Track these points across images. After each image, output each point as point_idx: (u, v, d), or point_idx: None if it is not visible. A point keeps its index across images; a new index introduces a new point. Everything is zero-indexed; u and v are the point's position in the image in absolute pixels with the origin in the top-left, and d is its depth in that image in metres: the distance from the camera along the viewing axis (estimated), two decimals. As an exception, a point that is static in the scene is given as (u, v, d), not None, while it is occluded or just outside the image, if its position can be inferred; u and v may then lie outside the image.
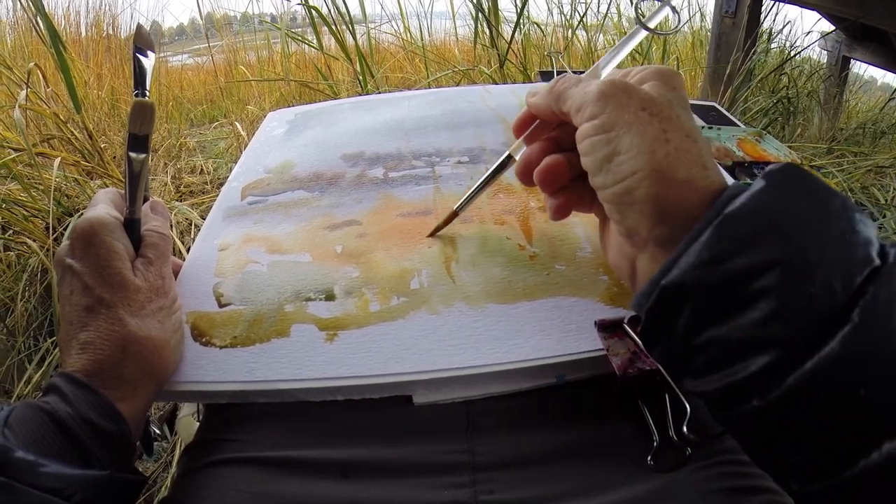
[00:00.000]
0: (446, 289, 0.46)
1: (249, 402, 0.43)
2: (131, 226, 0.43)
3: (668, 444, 0.40)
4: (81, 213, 0.45)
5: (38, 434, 0.34)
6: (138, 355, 0.39)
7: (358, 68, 1.78)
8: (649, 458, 0.40)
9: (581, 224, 0.51)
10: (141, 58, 0.45)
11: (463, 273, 0.47)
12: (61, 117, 1.67)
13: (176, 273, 0.50)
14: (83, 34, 2.42)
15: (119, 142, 1.98)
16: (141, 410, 0.40)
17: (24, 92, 1.49)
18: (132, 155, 0.43)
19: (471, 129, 0.68)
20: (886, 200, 1.65)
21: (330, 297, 0.46)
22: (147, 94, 0.44)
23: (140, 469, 1.07)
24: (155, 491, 1.07)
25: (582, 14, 2.17)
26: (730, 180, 0.35)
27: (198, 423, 0.69)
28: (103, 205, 0.44)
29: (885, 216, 1.57)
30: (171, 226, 1.42)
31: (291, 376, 0.41)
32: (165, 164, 1.95)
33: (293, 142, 0.69)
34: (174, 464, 1.05)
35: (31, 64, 1.64)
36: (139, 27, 0.47)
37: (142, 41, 0.46)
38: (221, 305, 0.47)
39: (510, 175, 0.58)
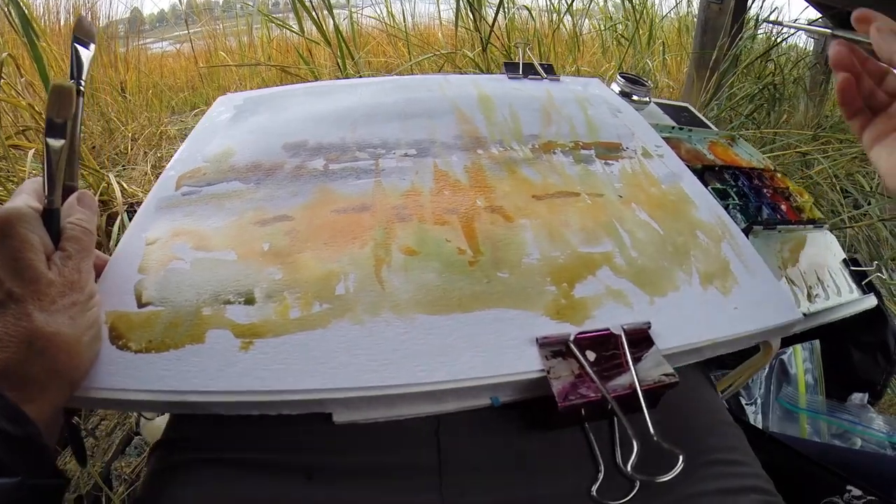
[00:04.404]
0: (374, 296, 0.42)
1: None
2: (50, 216, 0.41)
3: (618, 472, 0.38)
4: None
5: None
6: (45, 352, 0.37)
7: (338, 52, 1.74)
8: (594, 489, 0.37)
9: (531, 227, 0.47)
10: (80, 49, 0.44)
11: (394, 278, 0.43)
12: (36, 108, 1.63)
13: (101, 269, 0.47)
14: (62, 23, 2.37)
15: (98, 132, 1.94)
16: (51, 411, 0.38)
17: (-4, 83, 1.45)
18: (50, 141, 0.41)
19: (423, 120, 0.63)
20: (871, 187, 1.64)
21: (249, 300, 0.42)
22: (82, 85, 0.43)
23: (123, 465, 1.05)
24: (138, 486, 1.04)
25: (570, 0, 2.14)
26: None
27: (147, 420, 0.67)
28: (25, 195, 0.42)
29: (870, 203, 1.55)
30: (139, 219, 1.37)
31: (203, 388, 0.38)
32: (146, 152, 1.91)
33: (237, 128, 0.64)
34: None
35: (5, 54, 1.60)
36: (80, 18, 0.46)
37: (83, 32, 0.44)
38: (141, 305, 0.43)
39: (458, 170, 0.55)
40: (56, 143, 0.41)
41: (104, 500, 0.88)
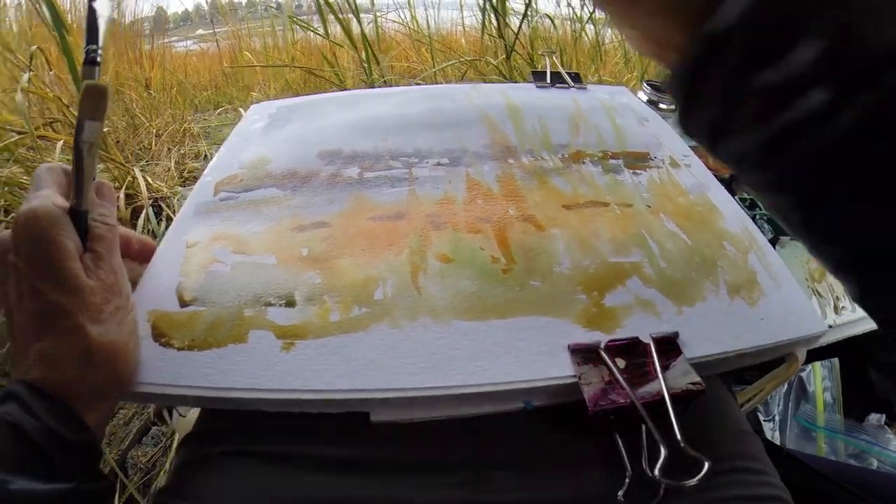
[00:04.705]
0: (411, 301, 0.43)
1: None
2: (77, 216, 0.39)
3: (643, 478, 0.38)
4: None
5: (1, 449, 0.32)
6: (104, 363, 0.37)
7: (363, 56, 1.75)
8: (620, 493, 0.38)
9: (562, 237, 0.48)
10: (94, 6, 0.40)
11: (430, 285, 0.44)
12: (64, 101, 1.66)
13: (146, 253, 0.47)
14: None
15: (123, 126, 1.97)
16: (107, 417, 0.39)
17: (26, 75, 1.47)
18: (81, 143, 0.39)
19: (452, 130, 0.64)
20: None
21: (290, 303, 0.44)
22: (100, 52, 0.39)
23: (140, 454, 1.06)
24: (154, 475, 1.05)
25: (592, 9, 2.13)
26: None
27: (182, 417, 0.67)
28: (48, 190, 0.40)
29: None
30: (174, 210, 1.39)
31: (245, 385, 0.39)
32: (169, 149, 1.94)
33: (271, 136, 0.66)
34: (173, 448, 1.04)
35: (34, 47, 1.63)
36: None
37: None
38: (183, 305, 0.44)
39: (490, 179, 0.56)
40: (87, 145, 0.39)
41: (119, 487, 0.89)
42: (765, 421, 0.92)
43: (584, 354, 0.40)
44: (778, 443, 0.87)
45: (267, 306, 0.44)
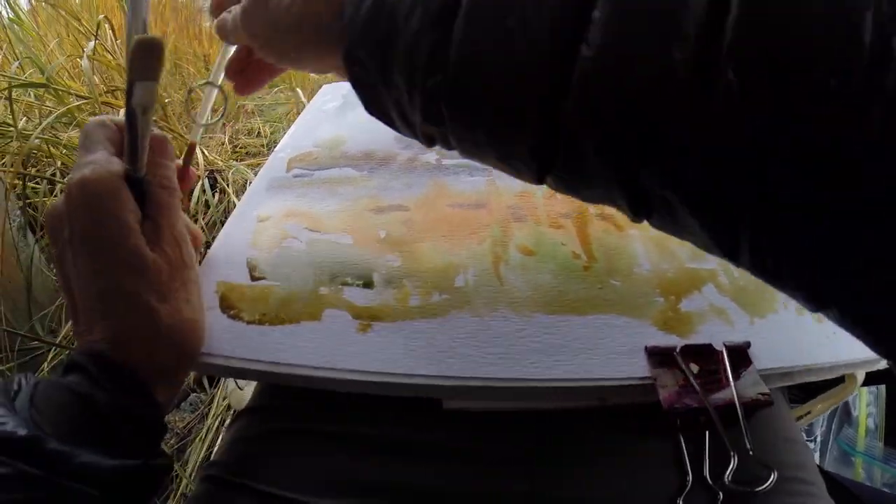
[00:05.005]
0: (492, 291, 0.43)
1: None
2: (133, 183, 0.36)
3: (703, 484, 0.38)
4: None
5: (68, 420, 0.31)
6: (175, 341, 0.36)
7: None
8: (680, 500, 0.38)
9: (640, 238, 0.48)
10: None
11: (511, 276, 0.44)
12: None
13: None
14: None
15: (179, 100, 1.99)
16: (175, 392, 0.39)
17: (92, 43, 1.50)
18: (134, 106, 0.34)
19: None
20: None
21: (368, 284, 0.44)
22: None
23: (177, 419, 1.08)
24: (189, 440, 1.07)
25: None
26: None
27: (239, 390, 0.69)
28: (101, 153, 0.36)
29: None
30: (228, 183, 1.42)
31: (319, 363, 0.39)
32: (224, 124, 1.97)
33: (346, 117, 0.66)
34: (210, 416, 1.06)
35: (101, 16, 1.66)
36: None
37: None
38: (254, 279, 0.45)
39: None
40: (141, 108, 0.35)
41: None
42: (807, 441, 0.92)
43: (660, 357, 0.40)
44: (818, 463, 0.86)
45: (343, 286, 0.44)
